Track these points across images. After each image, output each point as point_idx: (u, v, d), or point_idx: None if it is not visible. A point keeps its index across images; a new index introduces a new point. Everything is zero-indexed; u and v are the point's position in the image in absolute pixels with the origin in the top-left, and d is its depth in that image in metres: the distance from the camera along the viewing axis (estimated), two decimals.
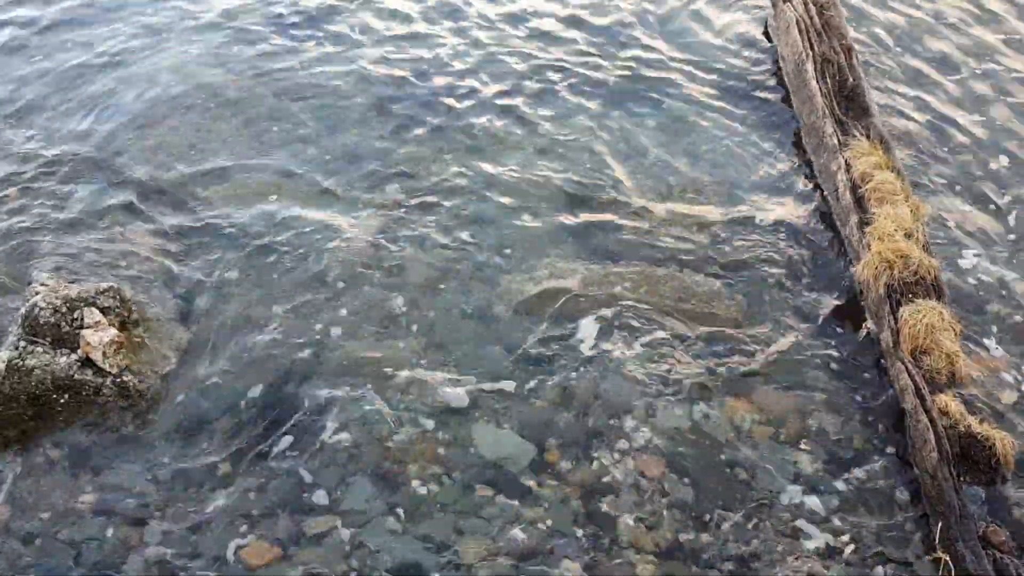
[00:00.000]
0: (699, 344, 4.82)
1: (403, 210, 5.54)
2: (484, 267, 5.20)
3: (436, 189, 5.68)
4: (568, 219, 5.50)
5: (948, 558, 3.85)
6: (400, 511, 4.06)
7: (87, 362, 4.44)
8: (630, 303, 4.97)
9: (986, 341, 4.86)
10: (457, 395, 4.54)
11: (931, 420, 4.15)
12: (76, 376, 4.40)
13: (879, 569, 3.92)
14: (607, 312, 4.94)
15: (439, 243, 5.32)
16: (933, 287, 4.69)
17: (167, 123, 6.12)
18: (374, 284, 5.08)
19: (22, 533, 3.96)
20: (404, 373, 4.64)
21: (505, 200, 5.60)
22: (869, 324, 4.86)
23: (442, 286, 5.09)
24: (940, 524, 3.94)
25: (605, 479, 4.22)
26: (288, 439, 4.37)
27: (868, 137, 5.41)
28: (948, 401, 4.24)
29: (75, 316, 4.53)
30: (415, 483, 4.19)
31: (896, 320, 4.54)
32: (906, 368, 4.38)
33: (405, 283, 5.09)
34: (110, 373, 4.45)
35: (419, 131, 6.12)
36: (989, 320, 4.99)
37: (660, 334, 4.85)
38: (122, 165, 5.81)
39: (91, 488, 4.14)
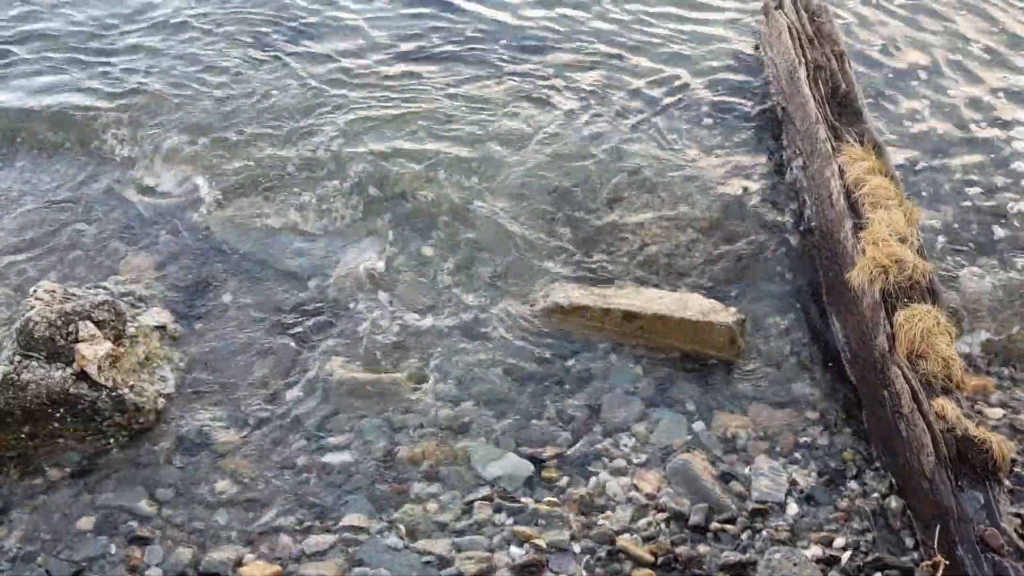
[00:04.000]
0: (694, 361, 4.86)
1: (398, 232, 5.54)
2: (480, 287, 5.22)
3: (429, 209, 5.69)
4: (563, 237, 5.53)
5: (947, 562, 3.85)
6: (399, 528, 4.08)
7: (82, 376, 4.41)
8: (626, 320, 4.96)
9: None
10: (455, 414, 4.60)
11: (928, 424, 4.14)
12: (71, 390, 4.36)
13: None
14: (603, 330, 4.96)
15: (434, 264, 5.34)
16: (928, 291, 4.69)
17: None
18: (371, 307, 5.09)
19: (23, 553, 3.95)
20: (403, 394, 4.66)
21: (499, 218, 5.61)
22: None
23: (439, 307, 5.11)
24: (938, 528, 3.93)
25: (602, 495, 4.25)
26: (286, 458, 4.39)
27: (861, 142, 5.42)
28: (945, 405, 4.23)
29: (70, 330, 4.49)
30: (414, 501, 4.21)
31: (891, 325, 4.55)
32: (902, 372, 4.37)
33: (402, 306, 5.11)
34: (105, 387, 4.42)
35: (410, 152, 6.11)
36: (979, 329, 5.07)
37: (656, 351, 4.89)
38: (124, 182, 5.82)
39: (91, 506, 4.13)
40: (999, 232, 5.71)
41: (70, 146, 6.07)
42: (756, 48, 7.05)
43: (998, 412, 4.70)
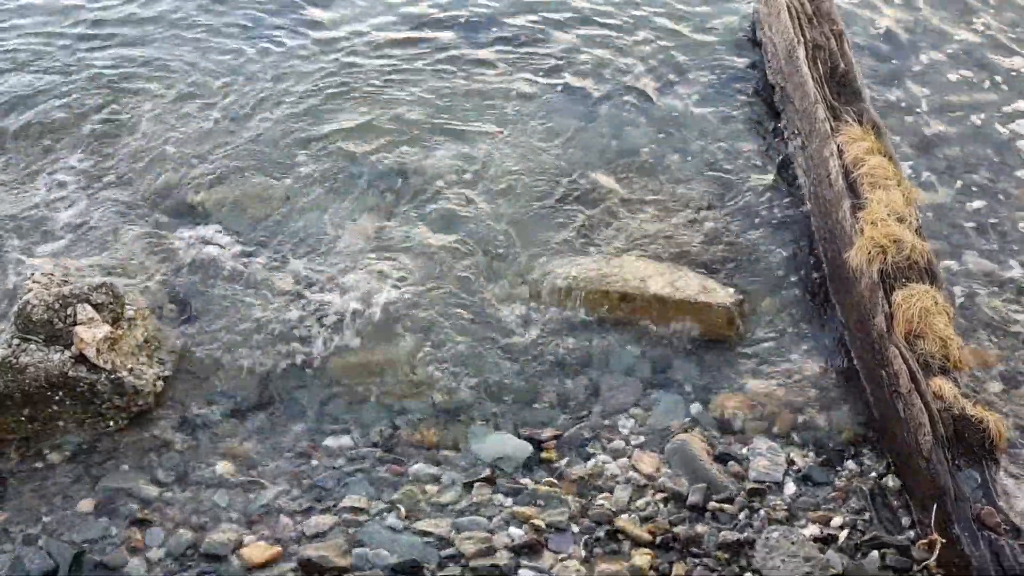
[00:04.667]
0: (692, 341, 4.87)
1: (397, 212, 5.54)
2: (478, 268, 5.22)
3: (428, 189, 5.68)
4: (562, 218, 5.53)
5: (943, 541, 3.87)
6: (399, 509, 4.09)
7: (81, 358, 4.40)
8: (624, 301, 4.97)
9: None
10: (454, 397, 4.62)
11: (925, 403, 4.15)
12: (70, 373, 4.36)
13: (874, 554, 3.94)
14: (602, 311, 4.96)
15: (434, 245, 5.33)
16: (926, 271, 4.69)
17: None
18: (371, 288, 5.08)
19: (23, 535, 3.96)
20: (402, 375, 4.68)
21: (499, 200, 5.62)
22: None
23: (437, 288, 5.10)
24: (935, 507, 3.95)
25: (601, 476, 4.27)
26: (286, 440, 4.41)
27: (860, 122, 5.41)
28: (942, 384, 4.24)
29: (68, 313, 4.49)
30: (414, 482, 4.22)
31: (890, 305, 4.55)
32: (900, 352, 4.38)
33: (402, 286, 5.11)
34: (104, 369, 4.42)
35: (409, 132, 6.10)
36: (977, 311, 5.06)
37: (654, 331, 4.90)
38: (123, 166, 5.79)
39: (91, 488, 4.15)
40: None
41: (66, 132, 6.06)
42: (754, 27, 7.03)
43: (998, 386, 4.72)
